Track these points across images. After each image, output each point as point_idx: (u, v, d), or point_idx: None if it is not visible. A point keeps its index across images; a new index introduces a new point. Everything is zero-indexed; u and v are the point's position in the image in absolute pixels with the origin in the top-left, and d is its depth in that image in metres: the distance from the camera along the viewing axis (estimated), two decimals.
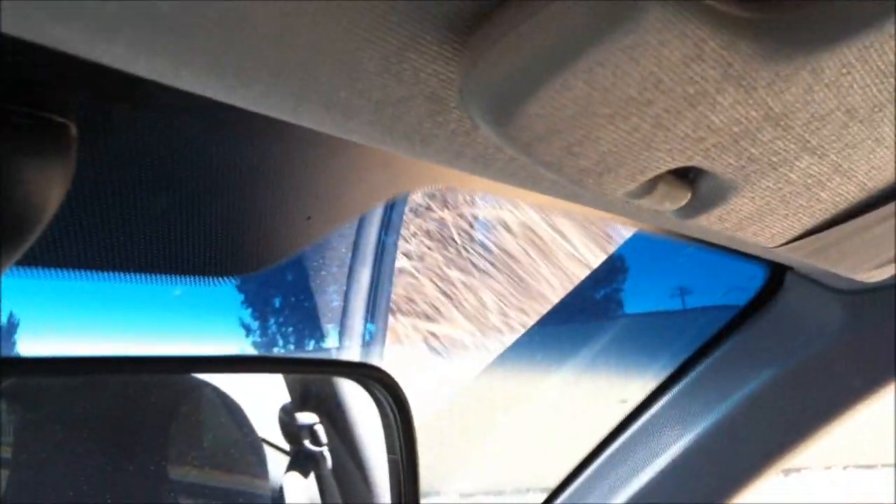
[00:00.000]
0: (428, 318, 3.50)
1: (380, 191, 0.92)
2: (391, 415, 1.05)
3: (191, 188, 0.76)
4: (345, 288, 2.73)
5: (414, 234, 3.46)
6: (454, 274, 3.43)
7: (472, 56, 0.39)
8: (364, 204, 0.93)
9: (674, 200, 0.55)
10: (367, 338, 2.77)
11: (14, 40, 0.36)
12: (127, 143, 0.69)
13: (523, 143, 0.43)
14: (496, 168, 0.55)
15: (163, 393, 1.28)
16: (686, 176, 0.54)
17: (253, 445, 1.39)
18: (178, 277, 0.80)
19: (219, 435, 1.37)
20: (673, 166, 0.49)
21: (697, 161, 0.49)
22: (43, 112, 0.55)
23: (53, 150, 0.56)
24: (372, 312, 2.73)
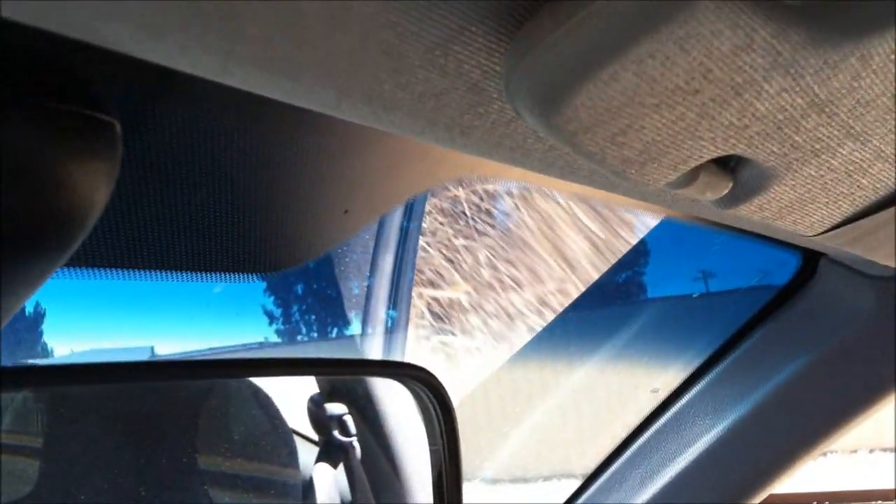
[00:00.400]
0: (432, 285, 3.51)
1: (416, 182, 0.91)
2: (434, 413, 1.05)
3: (229, 185, 0.76)
4: (368, 275, 2.74)
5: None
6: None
7: (520, 48, 0.39)
8: (400, 196, 0.93)
9: (715, 190, 0.54)
10: (389, 324, 2.79)
11: (60, 38, 0.35)
12: (166, 140, 0.68)
13: (568, 134, 0.43)
14: (535, 158, 0.54)
15: (193, 386, 1.28)
16: (727, 165, 0.54)
17: (283, 436, 1.40)
18: (217, 275, 0.81)
19: (249, 426, 1.37)
20: (716, 155, 0.49)
21: (741, 149, 0.49)
22: (89, 110, 0.54)
23: (100, 150, 0.55)
24: (394, 299, 2.74)
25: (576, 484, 1.45)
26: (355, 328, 2.87)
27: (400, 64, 0.40)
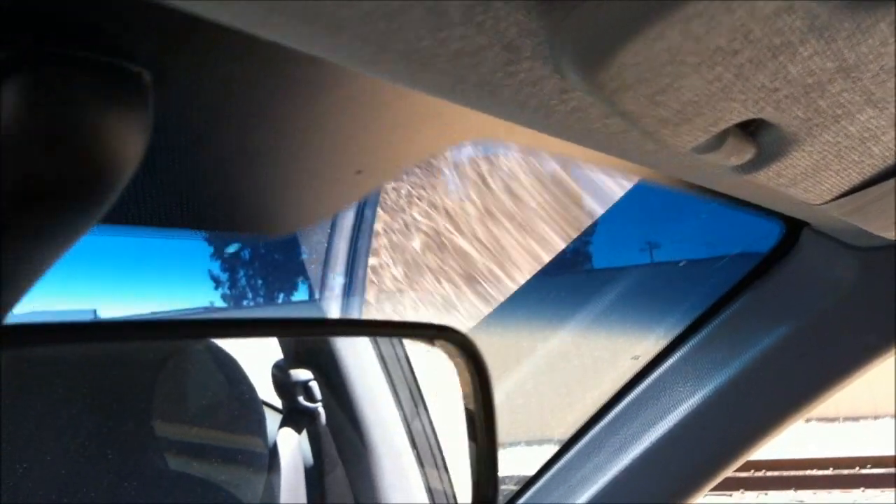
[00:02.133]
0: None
1: (428, 144, 0.91)
2: (469, 374, 1.05)
3: (247, 143, 0.75)
4: (326, 240, 2.74)
5: None
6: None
7: (565, 4, 0.39)
8: (412, 157, 0.93)
9: (739, 155, 0.55)
10: (348, 287, 2.79)
11: None
12: (190, 92, 0.66)
13: (609, 91, 0.44)
14: (555, 120, 0.54)
15: (150, 352, 1.25)
16: (748, 131, 0.55)
17: (250, 402, 1.37)
18: (231, 234, 0.79)
19: (213, 392, 1.35)
20: (744, 118, 0.50)
21: (768, 113, 0.50)
22: (118, 59, 0.52)
23: (133, 100, 0.53)
24: (352, 264, 2.74)
25: (555, 449, 1.45)
26: (315, 290, 2.87)
27: (441, 19, 0.39)
